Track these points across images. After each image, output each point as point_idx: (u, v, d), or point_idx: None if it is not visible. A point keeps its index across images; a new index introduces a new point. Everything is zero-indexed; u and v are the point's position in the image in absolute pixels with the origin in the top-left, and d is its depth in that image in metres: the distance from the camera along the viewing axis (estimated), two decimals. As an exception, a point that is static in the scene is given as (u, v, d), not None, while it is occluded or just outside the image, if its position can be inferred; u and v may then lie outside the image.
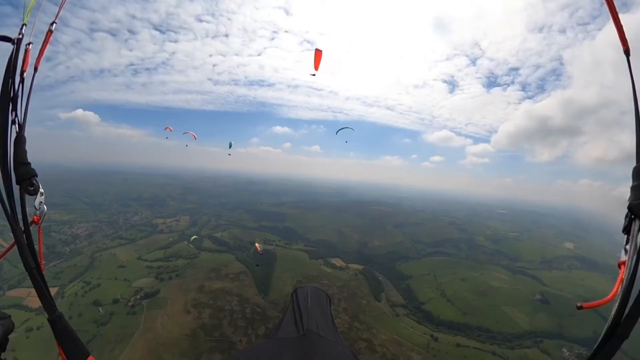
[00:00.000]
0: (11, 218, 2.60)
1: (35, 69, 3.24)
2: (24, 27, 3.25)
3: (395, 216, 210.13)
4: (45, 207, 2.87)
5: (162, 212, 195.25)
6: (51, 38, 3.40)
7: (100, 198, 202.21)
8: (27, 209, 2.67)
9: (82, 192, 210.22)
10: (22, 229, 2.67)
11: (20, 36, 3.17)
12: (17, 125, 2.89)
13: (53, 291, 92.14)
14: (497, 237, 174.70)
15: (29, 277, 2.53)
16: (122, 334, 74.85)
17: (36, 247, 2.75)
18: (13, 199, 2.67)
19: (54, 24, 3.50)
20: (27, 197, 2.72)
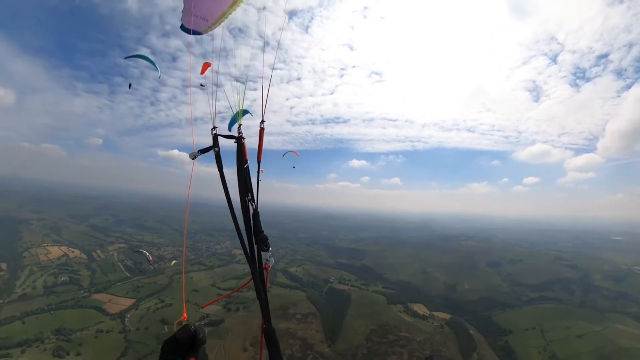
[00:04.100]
0: (251, 264, 4.50)
1: (259, 162, 5.10)
2: (240, 126, 5.07)
3: (487, 252, 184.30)
4: (273, 259, 4.69)
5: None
6: (264, 134, 5.19)
7: (188, 227, 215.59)
8: (262, 260, 4.70)
9: (174, 220, 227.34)
10: (258, 271, 4.55)
11: (241, 134, 4.93)
12: (253, 203, 4.69)
13: (130, 302, 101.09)
14: (619, 274, 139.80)
15: (258, 303, 4.53)
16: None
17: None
18: (255, 253, 4.55)
19: (263, 122, 5.14)
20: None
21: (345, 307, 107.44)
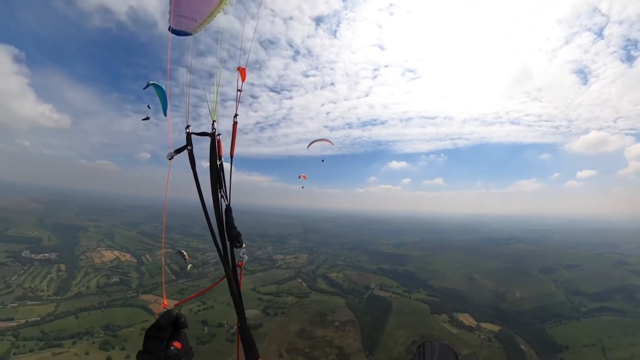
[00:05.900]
0: (224, 262, 4.22)
1: (231, 157, 4.93)
2: (215, 122, 4.90)
3: (540, 257, 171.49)
4: (246, 256, 4.38)
5: (283, 249, 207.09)
6: (237, 128, 5.10)
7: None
8: (235, 257, 4.31)
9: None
10: (231, 269, 4.25)
11: (214, 130, 4.81)
12: (225, 199, 4.44)
13: (175, 303, 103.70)
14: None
15: (232, 301, 4.09)
16: (216, 358, 77.17)
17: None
18: (227, 250, 4.26)
19: (236, 117, 5.15)
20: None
21: (385, 315, 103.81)
